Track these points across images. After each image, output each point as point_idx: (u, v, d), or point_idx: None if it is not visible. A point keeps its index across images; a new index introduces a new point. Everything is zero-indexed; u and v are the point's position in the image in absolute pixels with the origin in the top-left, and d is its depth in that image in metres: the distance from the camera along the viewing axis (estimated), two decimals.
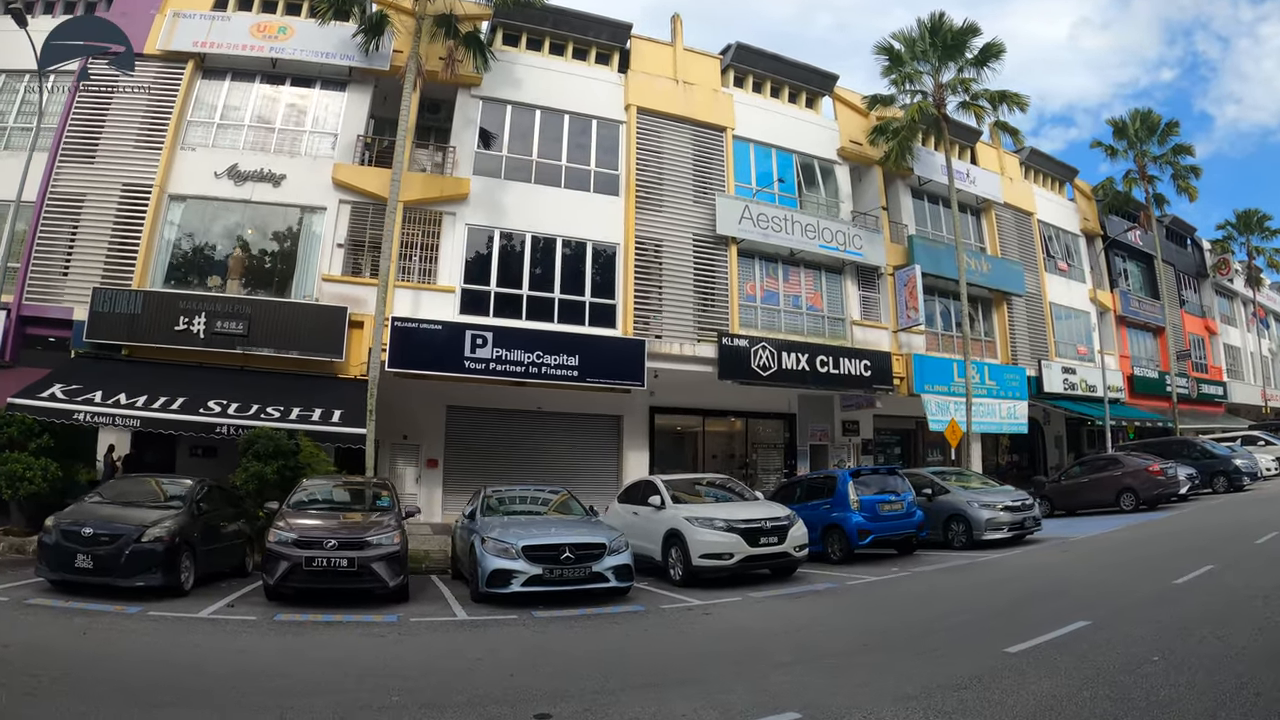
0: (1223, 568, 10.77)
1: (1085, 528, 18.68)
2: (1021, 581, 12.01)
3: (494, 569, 11.08)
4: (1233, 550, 12.58)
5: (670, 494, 14.25)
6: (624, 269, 21.20)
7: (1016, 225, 30.39)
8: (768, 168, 24.13)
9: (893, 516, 15.48)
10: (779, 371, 21.56)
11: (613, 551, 11.63)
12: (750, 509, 13.53)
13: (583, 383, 19.52)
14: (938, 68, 24.95)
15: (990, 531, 16.11)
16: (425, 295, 19.58)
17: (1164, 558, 12.67)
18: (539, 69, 22.12)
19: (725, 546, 12.61)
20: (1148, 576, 10.93)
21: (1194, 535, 15.63)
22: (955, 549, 16.27)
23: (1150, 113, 33.88)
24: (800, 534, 13.21)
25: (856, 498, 15.28)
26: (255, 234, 19.63)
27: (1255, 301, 44.66)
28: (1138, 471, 21.95)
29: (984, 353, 28.05)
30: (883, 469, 17.95)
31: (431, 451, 21.18)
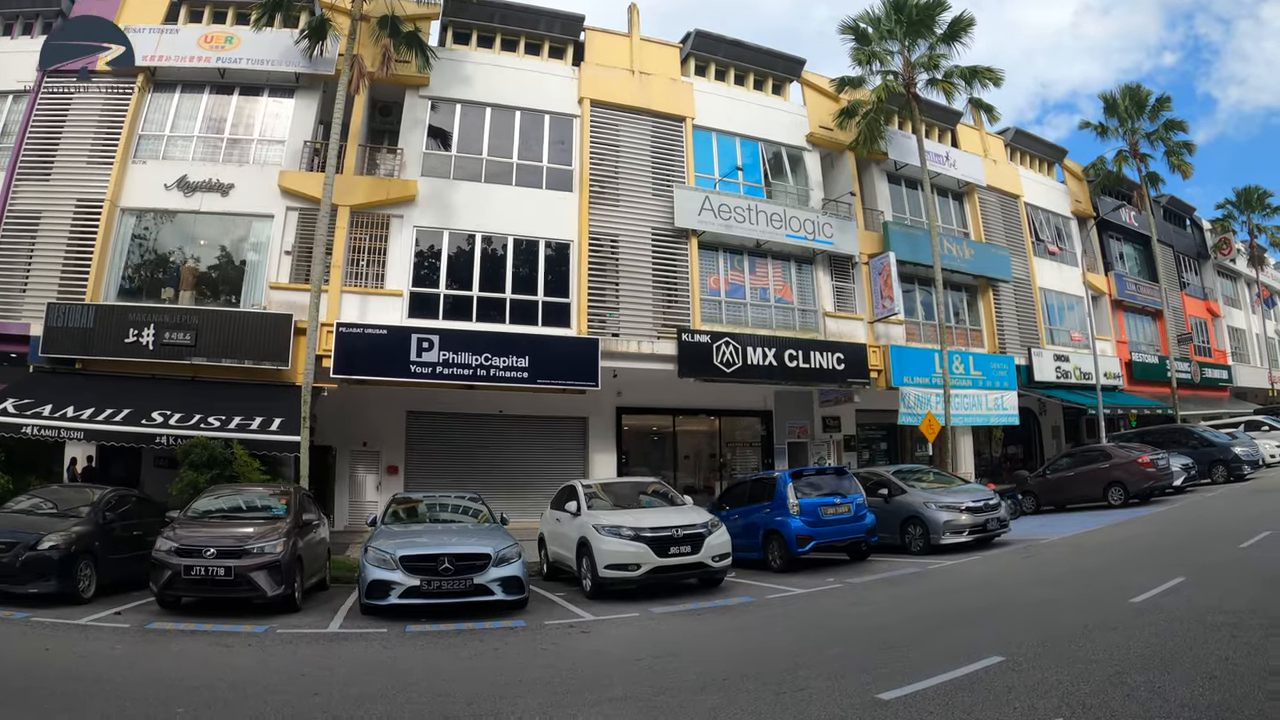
0: (1194, 580, 9.41)
1: (1062, 527, 17.28)
2: (955, 598, 10.62)
3: (372, 580, 10.57)
4: (1212, 556, 11.26)
5: (588, 499, 13.22)
6: (578, 266, 20.19)
7: (1002, 209, 28.93)
8: (731, 157, 22.92)
9: (837, 521, 14.16)
10: (744, 367, 20.31)
11: (499, 562, 10.80)
12: (667, 516, 12.32)
13: (534, 384, 18.59)
14: (907, 46, 23.56)
15: (949, 535, 14.70)
16: (373, 300, 18.80)
17: (1130, 567, 11.29)
18: (490, 66, 21.22)
19: (631, 557, 11.50)
20: (1102, 593, 9.57)
21: (1175, 536, 14.31)
22: (912, 554, 14.92)
23: (1140, 88, 32.31)
24: (720, 543, 12.01)
25: (796, 501, 13.98)
26: (206, 244, 19.07)
27: (1259, 282, 42.89)
28: (1126, 464, 20.46)
29: (970, 342, 26.65)
30: (829, 469, 16.52)
31: (392, 458, 20.65)
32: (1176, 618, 7.58)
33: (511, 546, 11.14)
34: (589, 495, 13.47)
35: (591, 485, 14.45)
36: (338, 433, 20.08)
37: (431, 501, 14.39)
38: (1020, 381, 27.12)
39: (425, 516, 13.57)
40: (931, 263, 24.74)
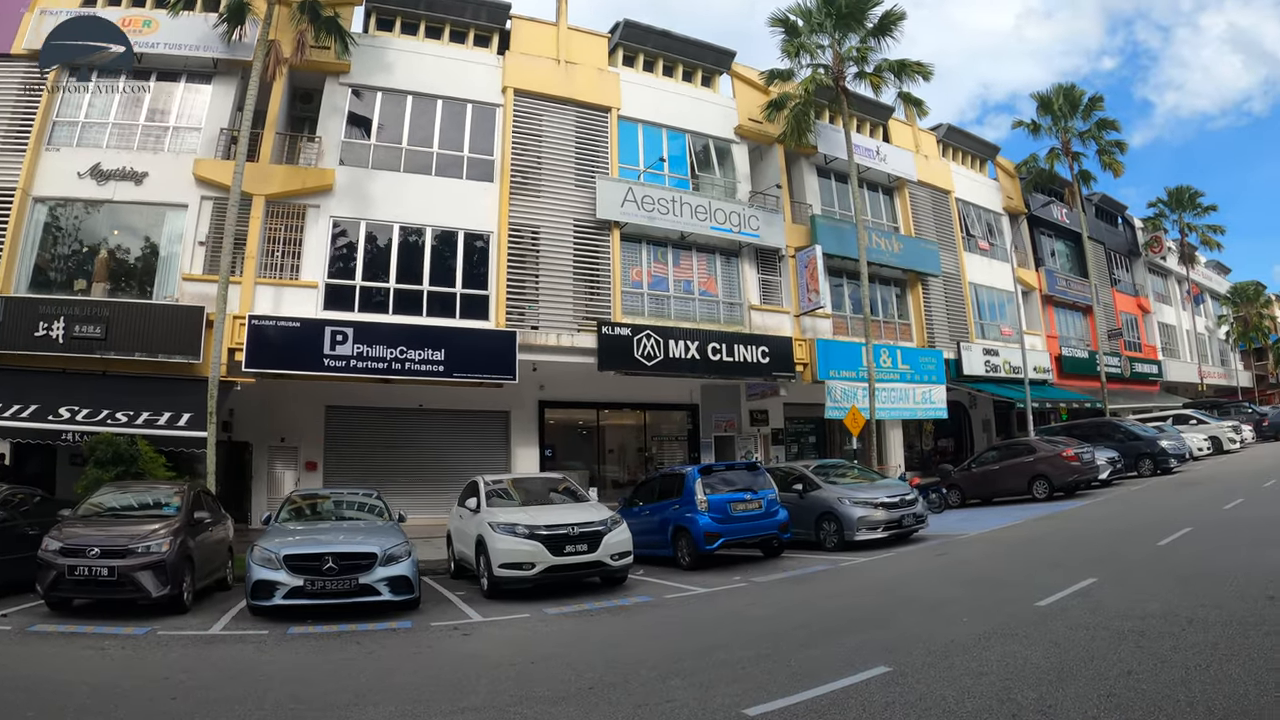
0: (1106, 581, 9.09)
1: (984, 522, 17.18)
2: (857, 599, 10.31)
3: (256, 580, 10.21)
4: (1128, 554, 10.95)
5: (490, 496, 12.87)
6: (497, 258, 19.77)
7: (933, 204, 29.05)
8: (657, 148, 22.64)
9: (747, 517, 13.81)
10: (666, 361, 20.08)
11: (387, 561, 10.40)
12: (565, 513, 12.03)
13: (449, 378, 18.19)
14: (837, 39, 23.37)
15: (864, 531, 14.44)
16: (288, 291, 18.22)
17: (1043, 566, 10.90)
18: (413, 54, 20.68)
19: (526, 555, 11.15)
20: (1009, 595, 9.17)
21: (1094, 533, 14.19)
22: (827, 550, 14.67)
23: (1074, 88, 32.63)
24: (619, 541, 11.72)
25: (704, 497, 13.62)
26: (120, 234, 18.38)
27: (1189, 279, 43.69)
28: (1050, 457, 20.46)
29: (898, 336, 26.73)
30: (740, 464, 16.21)
31: (310, 454, 20.14)
32: (1082, 624, 7.17)
33: (401, 545, 10.77)
34: (492, 492, 13.12)
35: (502, 480, 14.15)
36: (255, 428, 19.62)
37: (329, 499, 14.02)
38: (949, 375, 27.27)
39: (321, 514, 13.20)
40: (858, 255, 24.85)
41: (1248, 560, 9.50)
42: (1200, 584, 8.44)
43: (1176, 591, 8.13)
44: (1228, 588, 8.05)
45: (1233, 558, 9.82)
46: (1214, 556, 10.13)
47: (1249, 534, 11.49)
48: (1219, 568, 9.24)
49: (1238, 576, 8.52)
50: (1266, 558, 9.56)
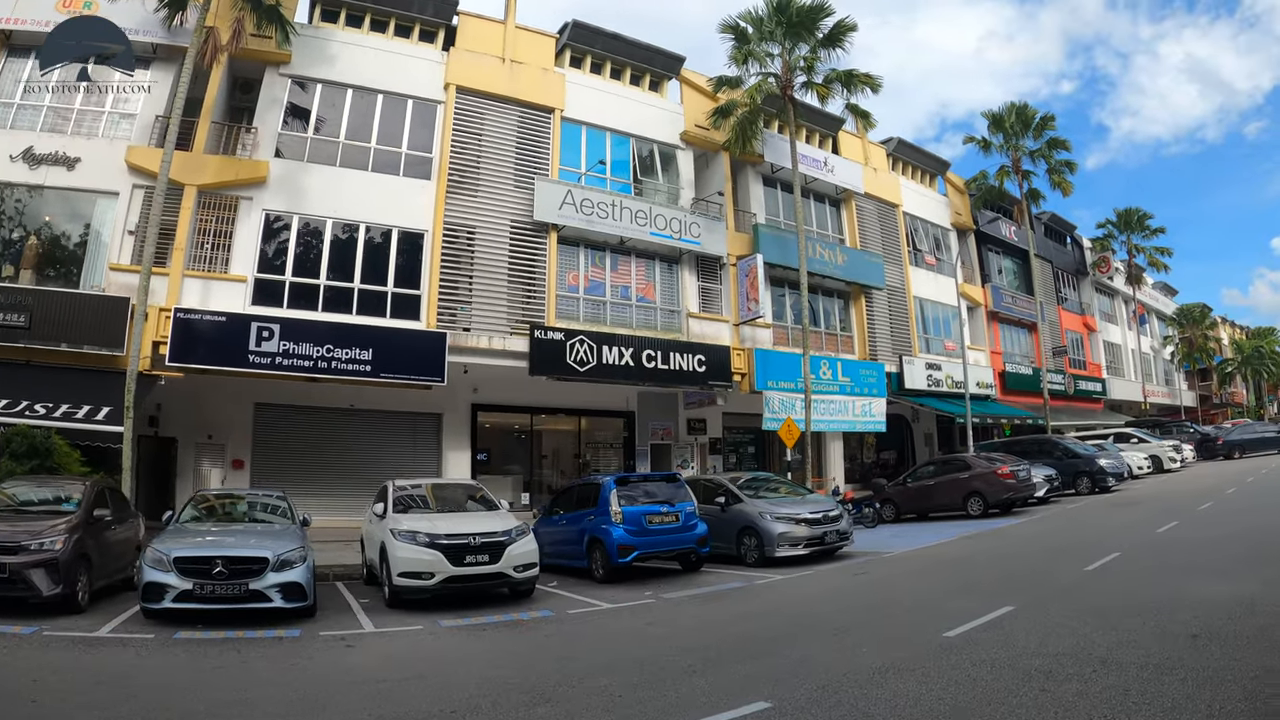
0: (1023, 610, 8.61)
1: (914, 539, 17.10)
2: (760, 622, 9.82)
3: (147, 581, 9.89)
4: (1052, 580, 10.54)
5: (398, 502, 12.58)
6: (431, 257, 19.48)
7: (880, 217, 29.18)
8: (600, 151, 22.47)
9: (664, 530, 13.52)
10: (599, 367, 19.91)
11: (280, 567, 10.09)
12: (469, 522, 11.76)
13: (377, 378, 17.86)
14: (787, 48, 23.35)
15: (784, 548, 14.13)
16: (216, 285, 17.80)
17: (961, 590, 10.51)
18: (355, 46, 20.28)
19: (425, 565, 10.90)
20: (917, 622, 8.76)
21: (1021, 554, 13.77)
22: (748, 565, 14.37)
23: (1026, 106, 33.05)
24: (523, 552, 11.48)
25: (619, 509, 13.29)
26: (52, 220, 17.89)
27: (1136, 299, 44.33)
28: (985, 474, 20.42)
29: (840, 348, 26.78)
30: (658, 475, 15.98)
31: (237, 451, 19.59)
32: (987, 660, 6.68)
33: (296, 550, 10.45)
34: (401, 497, 12.83)
35: (414, 486, 13.79)
36: (182, 424, 19.12)
37: (234, 499, 13.65)
38: (891, 389, 27.38)
39: (224, 515, 12.81)
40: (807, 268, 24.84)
41: (1174, 591, 9.12)
42: (1121, 617, 7.94)
43: (1094, 625, 7.68)
44: (1149, 623, 7.58)
45: (1159, 588, 9.48)
46: (1140, 585, 9.72)
47: (1180, 560, 11.27)
48: (1143, 599, 8.80)
49: (1161, 610, 8.09)
50: (1193, 589, 9.07)
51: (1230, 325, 65.28)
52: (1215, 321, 55.75)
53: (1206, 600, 8.24)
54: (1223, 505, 17.70)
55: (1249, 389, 63.32)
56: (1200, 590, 8.91)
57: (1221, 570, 9.97)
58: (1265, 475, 24.26)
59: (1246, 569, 9.81)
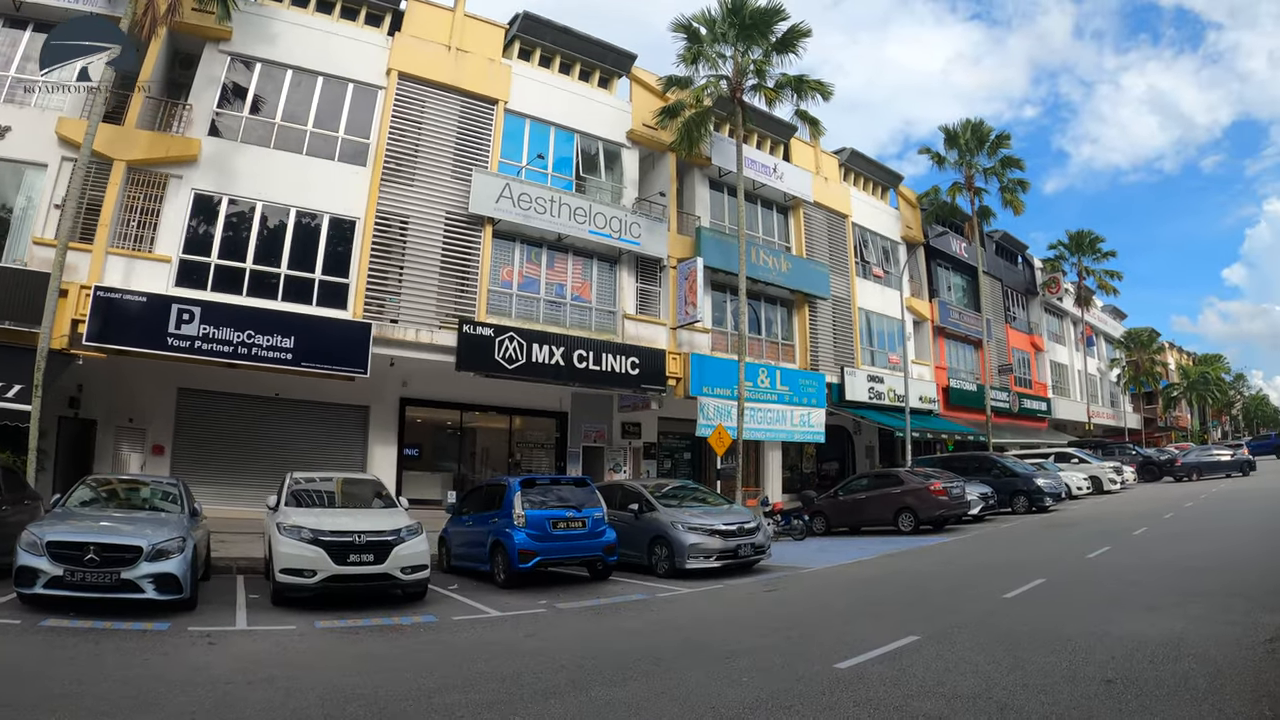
0: (930, 640, 8.06)
1: (838, 554, 16.78)
2: (649, 639, 9.25)
3: (19, 565, 9.55)
4: (967, 606, 9.89)
5: (294, 495, 12.30)
6: (361, 246, 19.12)
7: (829, 227, 29.24)
8: (544, 146, 22.28)
9: (568, 536, 13.18)
10: (528, 365, 19.65)
11: (155, 557, 9.73)
12: (360, 520, 11.46)
13: (297, 367, 17.39)
14: (740, 50, 23.19)
15: (695, 559, 13.69)
16: (140, 264, 17.29)
17: (870, 613, 10.05)
18: (300, 26, 19.84)
19: (307, 562, 10.55)
20: (813, 649, 8.12)
21: (943, 576, 13.24)
22: (658, 576, 13.97)
23: (982, 123, 33.30)
24: (412, 553, 11.13)
25: (522, 512, 12.95)
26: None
27: (1084, 321, 44.88)
28: (918, 490, 20.28)
29: (781, 356, 26.77)
30: (568, 478, 15.52)
31: (159, 437, 19.06)
32: (873, 699, 6.14)
33: (175, 540, 10.07)
34: (297, 491, 12.54)
35: (317, 480, 13.49)
36: (103, 406, 18.63)
37: (131, 484, 13.19)
38: (831, 400, 27.40)
39: (114, 500, 12.37)
40: (750, 274, 24.78)
41: (1095, 626, 8.41)
42: (1033, 654, 7.38)
43: (1002, 662, 7.12)
44: (1063, 662, 7.00)
45: (1080, 621, 8.77)
46: (1060, 617, 9.02)
47: (1107, 589, 10.65)
48: (1061, 633, 8.17)
49: (1079, 647, 7.50)
50: (1117, 624, 8.44)
51: (1177, 351, 66.50)
52: (1163, 346, 56.65)
53: (1129, 637, 7.72)
54: (1158, 530, 17.43)
55: (1194, 413, 64.53)
56: (1124, 625, 8.36)
57: (1150, 603, 9.31)
58: (1204, 500, 24.22)
59: (1176, 603, 9.25)
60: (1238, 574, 11.08)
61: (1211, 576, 10.92)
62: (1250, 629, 7.85)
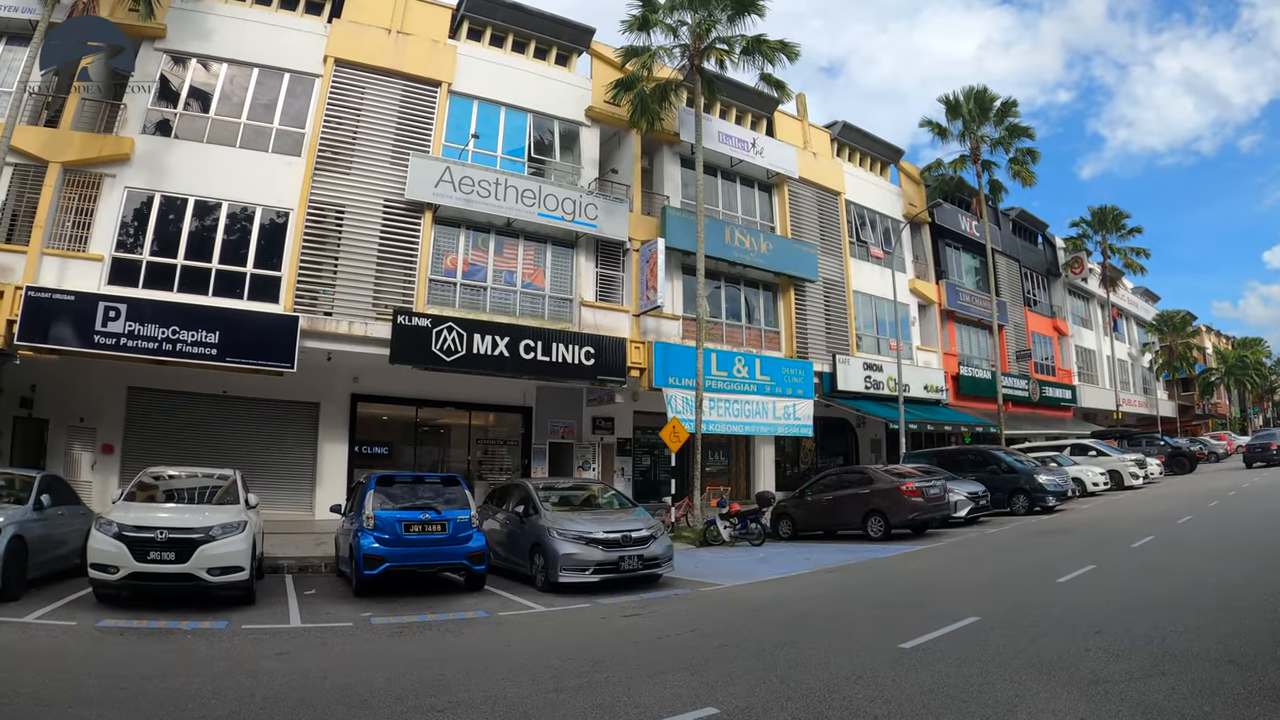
0: (744, 712, 5.80)
1: (773, 567, 14.68)
2: (433, 671, 7.49)
3: None
4: (835, 664, 7.10)
5: (138, 488, 11.90)
6: (293, 238, 18.77)
7: (819, 205, 28.20)
8: (493, 128, 21.67)
9: (424, 541, 12.05)
10: (468, 356, 18.99)
11: None
12: (180, 515, 10.89)
13: (222, 362, 17.12)
14: (697, 15, 21.96)
15: (568, 572, 12.23)
16: (74, 263, 17.33)
17: (716, 660, 7.59)
18: (236, 20, 19.69)
19: (111, 558, 10.10)
20: (600, 714, 5.86)
21: (852, 605, 10.86)
22: (537, 588, 12.60)
23: (985, 91, 31.90)
24: (222, 554, 10.41)
25: (372, 513, 11.98)
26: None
27: (1111, 303, 43.13)
28: (888, 490, 18.43)
29: (764, 344, 25.79)
30: (434, 476, 14.31)
31: (109, 436, 19.22)
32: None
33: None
34: (143, 484, 12.17)
35: (181, 475, 13.13)
36: (55, 406, 18.83)
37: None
38: (822, 390, 26.43)
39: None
40: (724, 255, 24.02)
41: (1003, 709, 5.58)
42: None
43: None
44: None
45: (986, 693, 5.95)
46: (949, 694, 6.01)
47: (1049, 643, 7.42)
48: (970, 708, 5.66)
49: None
50: (1038, 705, 5.63)
51: (1215, 334, 63.79)
52: (1198, 329, 54.34)
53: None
54: (1164, 540, 14.66)
55: (1232, 400, 61.88)
56: (1059, 702, 5.65)
57: (1097, 673, 6.27)
58: (1231, 499, 21.95)
59: (1136, 674, 6.20)
60: (1243, 619, 7.87)
61: (1206, 624, 7.69)
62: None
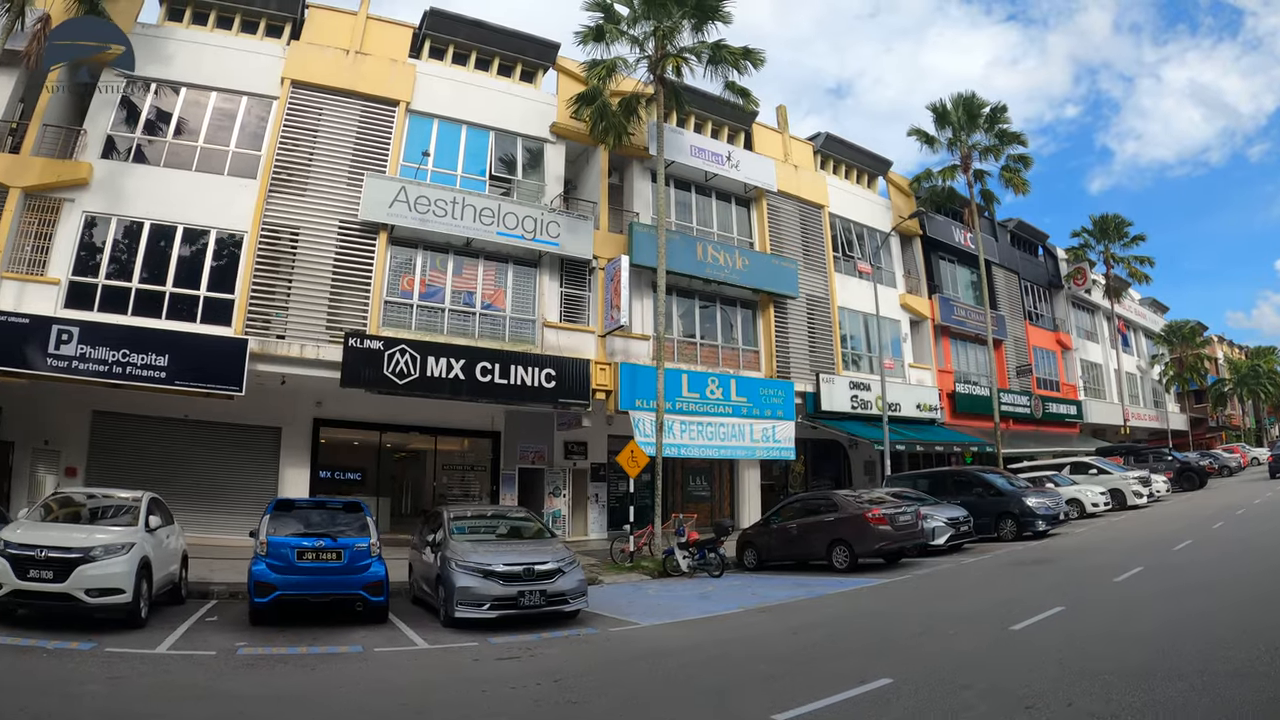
0: None
1: (713, 604, 13.85)
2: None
3: None
4: None
5: (41, 509, 11.90)
6: (246, 260, 18.86)
7: (801, 219, 27.98)
8: (454, 146, 21.69)
9: (319, 569, 11.63)
10: (422, 380, 18.89)
11: None
12: (68, 535, 10.81)
13: (171, 385, 17.31)
14: (656, 24, 21.65)
15: (465, 607, 11.53)
16: (32, 287, 17.66)
17: (602, 712, 7.28)
18: (196, 44, 20.05)
19: None
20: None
21: (757, 657, 9.38)
22: (441, 624, 11.96)
23: (974, 97, 31.55)
24: (104, 574, 10.22)
25: (265, 539, 11.69)
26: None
27: (1116, 314, 42.52)
28: (853, 518, 17.35)
29: (743, 364, 25.53)
30: (336, 502, 13.93)
31: (73, 459, 19.54)
32: None
33: None
34: (49, 504, 12.22)
35: (94, 495, 12.93)
36: (22, 429, 19.17)
37: None
38: (805, 411, 26.11)
39: None
40: (696, 272, 23.86)
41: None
42: None
43: None
44: None
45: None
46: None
47: (972, 717, 6.32)
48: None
49: None
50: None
51: (1228, 344, 62.68)
52: (1209, 339, 53.44)
53: None
54: (1155, 573, 13.22)
55: (1244, 411, 60.71)
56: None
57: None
58: (1239, 518, 20.94)
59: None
60: (1224, 690, 6.31)
61: (1175, 699, 6.18)
62: None
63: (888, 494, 19.85)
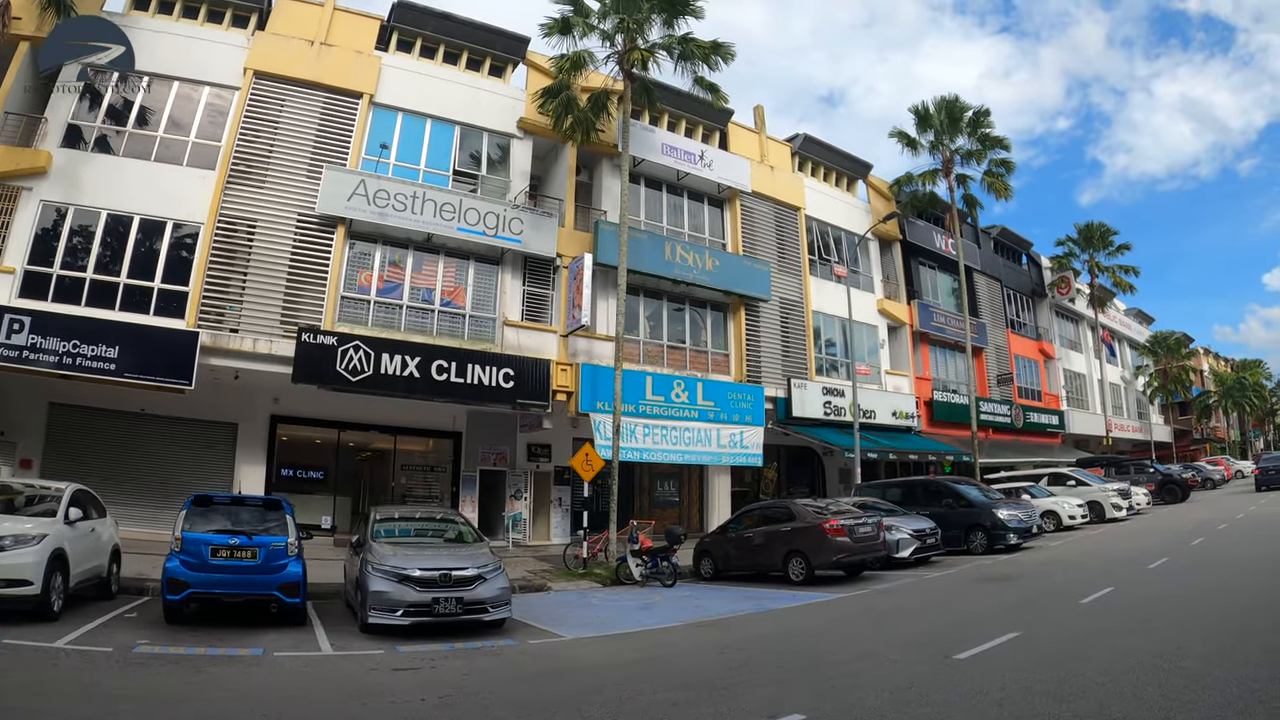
0: None
1: (650, 616, 13.47)
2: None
3: None
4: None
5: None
6: (201, 252, 18.81)
7: (776, 221, 27.94)
8: (418, 140, 21.64)
9: (233, 568, 11.35)
10: (376, 377, 18.82)
11: None
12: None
13: (120, 377, 17.25)
14: (623, 18, 21.36)
15: (378, 613, 11.23)
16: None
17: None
18: (158, 33, 19.96)
19: None
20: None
21: (717, 677, 8.60)
22: (357, 629, 11.70)
23: (956, 100, 31.49)
24: (11, 564, 10.03)
25: (180, 534, 11.39)
26: None
27: (1100, 324, 42.51)
28: (809, 529, 16.84)
29: (712, 367, 25.46)
30: (257, 498, 13.78)
31: (28, 450, 19.44)
32: None
33: None
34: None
35: (10, 486, 12.89)
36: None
37: None
38: (776, 417, 26.04)
39: None
40: (663, 272, 23.80)
41: None
42: None
43: None
44: None
45: None
46: None
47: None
48: None
49: None
50: None
51: (1214, 357, 62.80)
52: (1195, 351, 53.44)
53: None
54: (1125, 594, 12.52)
55: (1229, 424, 60.76)
56: None
57: None
58: (1221, 533, 20.50)
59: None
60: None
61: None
62: None
63: (853, 504, 19.52)
